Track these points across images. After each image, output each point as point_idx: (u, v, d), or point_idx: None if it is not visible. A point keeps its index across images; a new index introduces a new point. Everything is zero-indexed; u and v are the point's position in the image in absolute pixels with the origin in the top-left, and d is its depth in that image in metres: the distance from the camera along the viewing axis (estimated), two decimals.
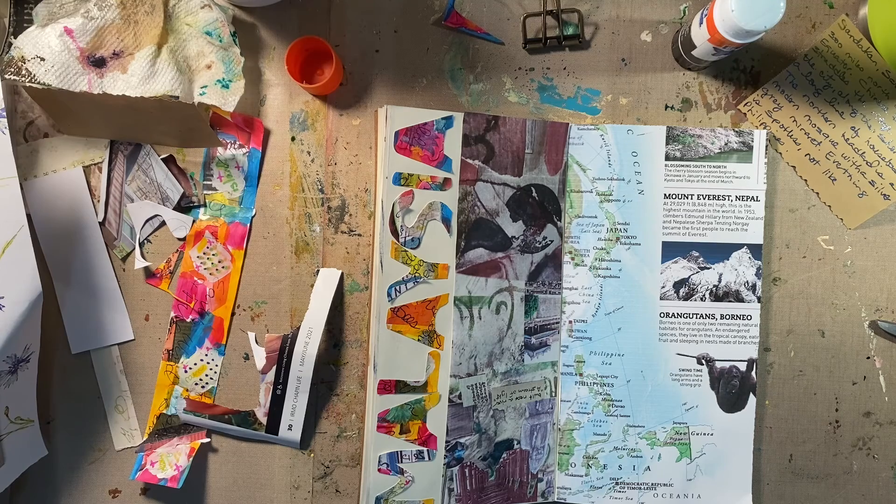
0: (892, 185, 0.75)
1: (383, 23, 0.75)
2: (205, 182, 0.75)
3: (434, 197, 0.72)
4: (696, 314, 0.75)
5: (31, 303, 0.66)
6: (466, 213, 0.73)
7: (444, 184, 0.73)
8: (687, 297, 0.75)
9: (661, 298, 0.75)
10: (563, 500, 0.76)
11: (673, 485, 0.75)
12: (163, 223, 0.75)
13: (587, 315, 0.75)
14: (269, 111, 0.75)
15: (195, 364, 0.75)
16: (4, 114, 0.67)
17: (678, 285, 0.75)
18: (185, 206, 0.75)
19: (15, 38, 0.72)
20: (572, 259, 0.75)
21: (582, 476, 0.75)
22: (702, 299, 0.75)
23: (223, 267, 0.75)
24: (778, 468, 0.76)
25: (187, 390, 0.75)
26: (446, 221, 0.73)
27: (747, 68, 0.75)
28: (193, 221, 0.75)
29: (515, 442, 0.75)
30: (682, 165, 0.75)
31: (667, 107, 0.75)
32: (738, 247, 0.75)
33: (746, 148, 0.74)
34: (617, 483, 0.75)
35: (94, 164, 0.75)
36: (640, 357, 0.75)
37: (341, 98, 0.75)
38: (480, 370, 0.74)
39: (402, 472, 0.72)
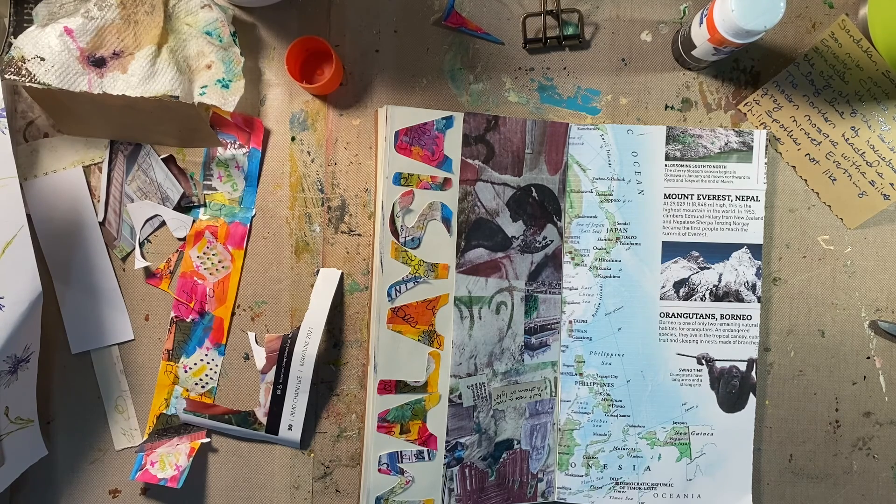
0: (892, 185, 0.75)
1: (383, 23, 0.75)
2: (205, 182, 0.75)
3: (434, 197, 0.72)
4: (696, 314, 0.75)
5: (31, 303, 0.66)
6: (466, 213, 0.73)
7: (445, 184, 0.73)
8: (687, 297, 0.75)
9: (661, 298, 0.75)
10: (563, 500, 0.76)
11: (673, 485, 0.75)
12: (163, 223, 0.75)
13: (587, 315, 0.75)
14: (269, 111, 0.75)
15: (195, 364, 0.75)
16: (4, 114, 0.67)
17: (678, 285, 0.75)
18: (185, 206, 0.75)
19: (15, 38, 0.72)
20: (572, 259, 0.75)
21: (582, 476, 0.75)
22: (702, 299, 0.75)
23: (223, 267, 0.75)
24: (778, 468, 0.76)
25: (187, 390, 0.75)
26: (446, 221, 0.73)
27: (747, 68, 0.75)
28: (193, 221, 0.75)
29: (515, 442, 0.75)
30: (682, 165, 0.75)
31: (667, 107, 0.76)
32: (738, 247, 0.75)
33: (746, 148, 0.74)
34: (617, 483, 0.75)
35: (94, 164, 0.75)
36: (640, 357, 0.75)
37: (341, 98, 0.75)
38: (480, 370, 0.74)
39: (402, 472, 0.72)
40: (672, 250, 0.75)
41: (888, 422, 0.76)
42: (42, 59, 0.67)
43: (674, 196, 0.75)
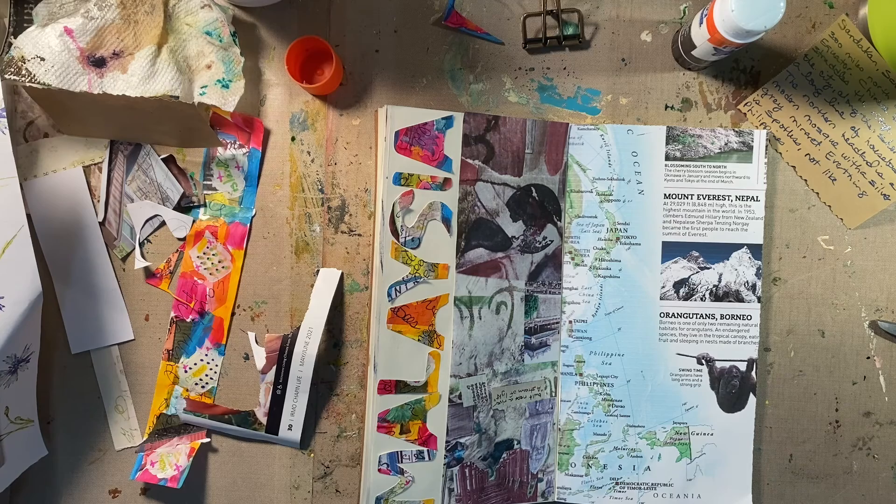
0: (892, 185, 0.75)
1: (383, 23, 0.75)
2: (205, 182, 0.75)
3: (434, 197, 0.72)
4: (696, 314, 0.75)
5: (31, 303, 0.66)
6: (466, 213, 0.73)
7: (445, 184, 0.73)
8: (687, 297, 0.75)
9: (661, 298, 0.75)
10: (563, 500, 0.76)
11: (673, 485, 0.75)
12: (163, 223, 0.75)
13: (587, 315, 0.75)
14: (269, 111, 0.75)
15: (195, 364, 0.75)
16: (4, 114, 0.67)
17: (678, 285, 0.75)
18: (185, 206, 0.75)
19: (15, 38, 0.72)
20: (572, 259, 0.75)
21: (582, 476, 0.75)
22: (702, 299, 0.75)
23: (223, 267, 0.75)
24: (778, 468, 0.76)
25: (187, 390, 0.75)
26: (446, 221, 0.73)
27: (747, 68, 0.75)
28: (193, 221, 0.75)
29: (515, 442, 0.75)
30: (682, 165, 0.75)
31: (667, 107, 0.76)
32: (738, 247, 0.75)
33: (746, 148, 0.74)
34: (617, 483, 0.75)
35: (94, 164, 0.75)
36: (640, 357, 0.75)
37: (341, 98, 0.75)
38: (480, 370, 0.74)
39: (402, 472, 0.72)
40: (672, 250, 0.75)
41: (888, 422, 0.76)
42: (42, 59, 0.67)
43: (674, 196, 0.75)
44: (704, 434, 0.75)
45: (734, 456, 0.75)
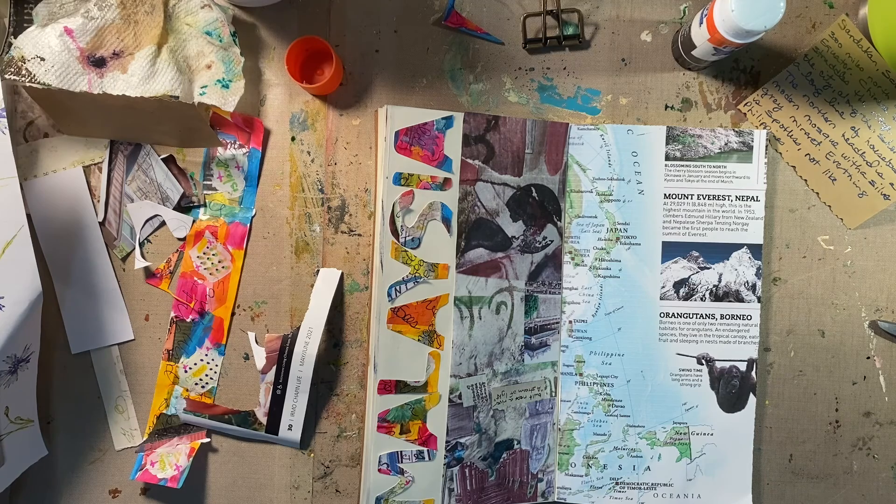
0: (892, 185, 0.75)
1: (383, 23, 0.75)
2: (205, 182, 0.75)
3: (434, 197, 0.72)
4: (696, 314, 0.75)
5: (31, 303, 0.66)
6: (466, 213, 0.73)
7: (445, 184, 0.73)
8: (687, 297, 0.75)
9: (661, 298, 0.75)
10: (563, 500, 0.76)
11: (673, 485, 0.75)
12: (163, 223, 0.75)
13: (587, 315, 0.75)
14: (269, 111, 0.75)
15: (195, 364, 0.75)
16: (4, 114, 0.67)
17: (678, 285, 0.75)
18: (185, 206, 0.75)
19: (15, 38, 0.72)
20: (572, 259, 0.75)
21: (582, 476, 0.75)
22: (702, 299, 0.75)
23: (223, 267, 0.75)
24: (778, 468, 0.76)
25: (187, 390, 0.75)
26: (446, 221, 0.73)
27: (747, 68, 0.75)
28: (193, 221, 0.75)
29: (515, 442, 0.75)
30: (682, 165, 0.75)
31: (667, 107, 0.76)
32: (738, 247, 0.75)
33: (746, 148, 0.74)
34: (617, 483, 0.75)
35: (94, 164, 0.75)
36: (640, 357, 0.75)
37: (341, 98, 0.75)
38: (480, 370, 0.74)
39: (402, 472, 0.72)
40: (672, 250, 0.75)
41: (888, 422, 0.76)
42: (42, 59, 0.67)
43: (674, 196, 0.75)
44: (704, 434, 0.75)
45: (734, 456, 0.75)
